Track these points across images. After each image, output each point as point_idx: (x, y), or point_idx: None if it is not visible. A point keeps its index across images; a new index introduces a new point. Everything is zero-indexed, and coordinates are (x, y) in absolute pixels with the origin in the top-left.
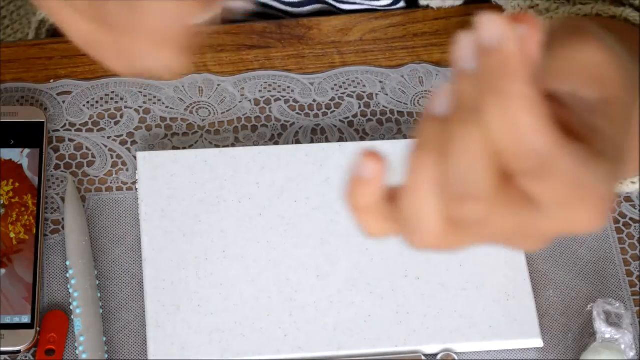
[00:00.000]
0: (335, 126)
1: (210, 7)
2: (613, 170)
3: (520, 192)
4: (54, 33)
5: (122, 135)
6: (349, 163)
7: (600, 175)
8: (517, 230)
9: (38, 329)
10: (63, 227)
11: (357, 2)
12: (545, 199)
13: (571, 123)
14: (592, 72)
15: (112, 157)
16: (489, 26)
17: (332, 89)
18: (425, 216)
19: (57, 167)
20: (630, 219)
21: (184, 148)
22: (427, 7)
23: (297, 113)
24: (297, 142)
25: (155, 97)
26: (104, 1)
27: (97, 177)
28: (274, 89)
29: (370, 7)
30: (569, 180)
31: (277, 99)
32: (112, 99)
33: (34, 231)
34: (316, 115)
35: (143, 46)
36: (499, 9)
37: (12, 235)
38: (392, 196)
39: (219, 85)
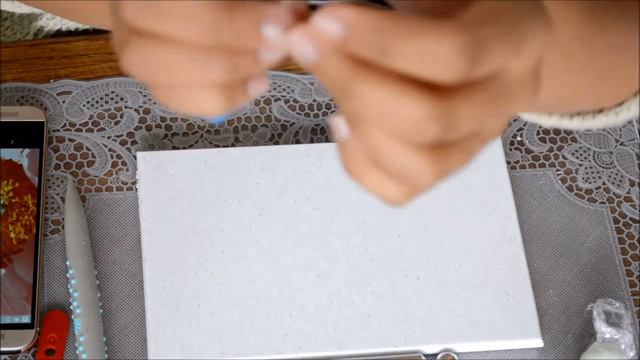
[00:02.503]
0: None
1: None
2: None
3: None
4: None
5: (122, 135)
6: None
7: None
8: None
9: (38, 329)
10: (63, 227)
11: None
12: None
13: None
14: None
15: (112, 157)
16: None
17: None
18: None
19: (57, 167)
20: (630, 219)
21: (184, 148)
22: None
23: (297, 113)
24: (297, 142)
25: None
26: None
27: (97, 177)
28: (274, 88)
29: None
30: None
31: (277, 99)
32: (112, 99)
33: (34, 231)
34: (316, 115)
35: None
36: None
37: (12, 235)
38: None
39: None
